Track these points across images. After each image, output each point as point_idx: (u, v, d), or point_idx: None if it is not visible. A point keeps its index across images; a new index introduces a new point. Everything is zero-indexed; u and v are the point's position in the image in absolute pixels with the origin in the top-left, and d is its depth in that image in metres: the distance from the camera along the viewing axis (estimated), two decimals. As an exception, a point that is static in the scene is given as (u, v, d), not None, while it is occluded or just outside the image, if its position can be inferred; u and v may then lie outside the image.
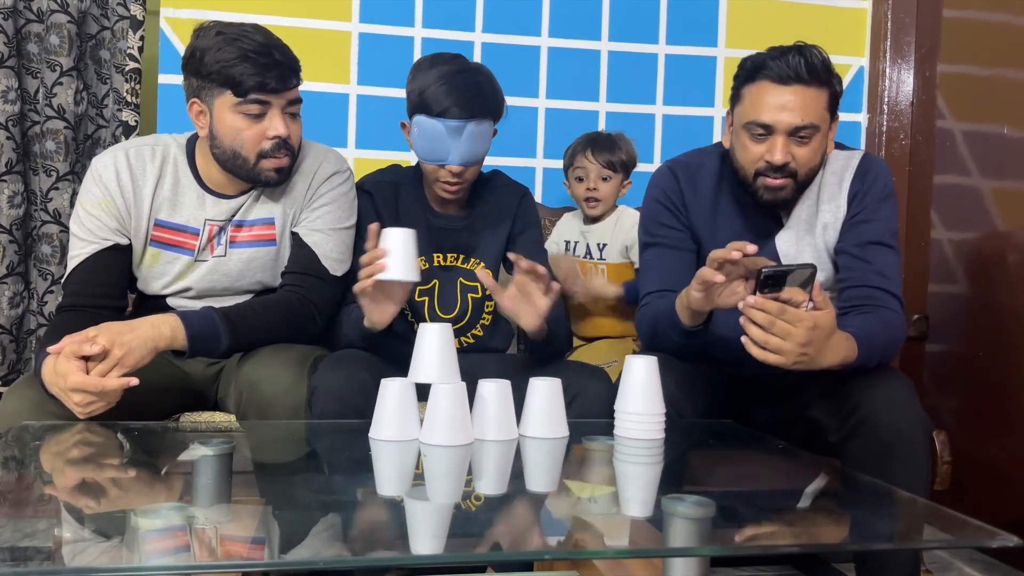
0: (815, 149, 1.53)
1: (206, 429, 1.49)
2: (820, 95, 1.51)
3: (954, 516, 0.96)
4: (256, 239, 1.62)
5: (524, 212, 1.77)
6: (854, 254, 1.55)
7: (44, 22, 2.22)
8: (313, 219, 1.63)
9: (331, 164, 1.66)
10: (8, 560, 0.81)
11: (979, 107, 2.23)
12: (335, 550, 0.91)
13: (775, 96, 1.49)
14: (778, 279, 1.26)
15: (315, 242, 1.62)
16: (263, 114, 1.52)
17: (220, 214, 1.60)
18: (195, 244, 1.60)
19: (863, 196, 1.58)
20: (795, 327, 1.27)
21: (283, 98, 1.53)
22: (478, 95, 1.57)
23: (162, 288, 1.62)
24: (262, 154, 1.54)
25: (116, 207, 1.56)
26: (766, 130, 1.51)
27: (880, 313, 1.49)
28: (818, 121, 1.51)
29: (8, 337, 2.20)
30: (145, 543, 0.83)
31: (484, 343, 1.76)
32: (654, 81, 2.48)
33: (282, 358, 1.47)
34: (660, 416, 1.32)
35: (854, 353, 1.36)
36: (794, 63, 1.48)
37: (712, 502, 0.90)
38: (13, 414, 1.36)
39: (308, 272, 1.61)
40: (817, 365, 1.32)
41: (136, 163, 1.58)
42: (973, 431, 2.11)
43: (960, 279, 2.25)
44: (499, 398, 1.26)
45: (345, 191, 1.67)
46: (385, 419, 1.24)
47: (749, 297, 1.28)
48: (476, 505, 1.06)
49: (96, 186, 1.56)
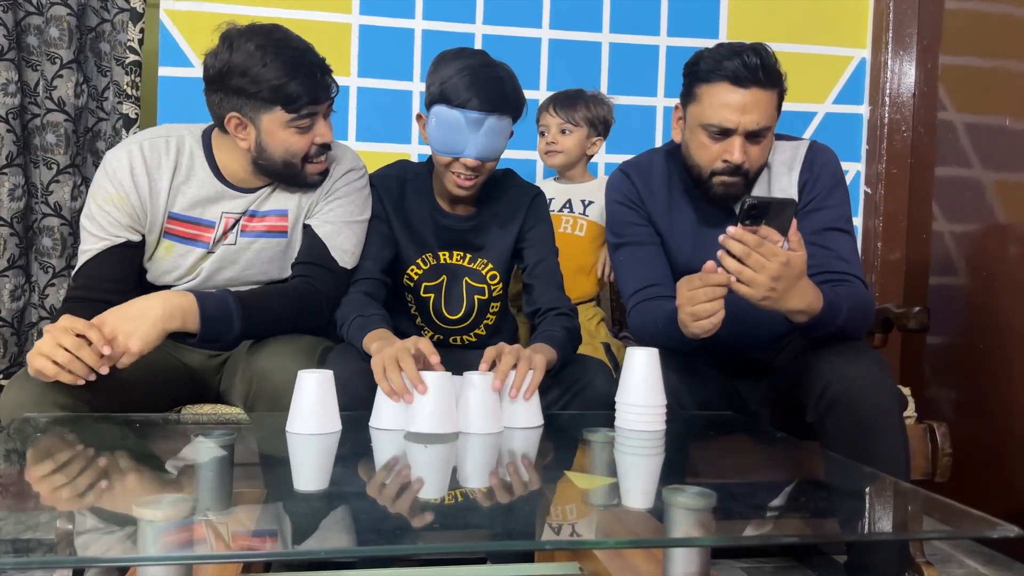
0: (765, 148, 1.58)
1: (207, 421, 1.49)
2: (772, 96, 1.53)
3: (954, 506, 0.96)
4: (268, 230, 1.62)
5: (535, 210, 1.75)
6: (812, 242, 1.57)
7: (44, 14, 2.22)
8: (326, 211, 1.63)
9: (348, 161, 1.67)
10: (11, 552, 0.82)
11: (981, 99, 2.23)
12: (335, 541, 0.91)
13: (735, 98, 1.50)
14: (761, 210, 1.29)
15: (326, 233, 1.62)
16: (312, 125, 1.54)
17: (237, 207, 1.60)
18: (210, 236, 1.59)
19: (813, 184, 1.62)
20: (769, 261, 1.30)
21: (326, 105, 1.56)
22: (500, 90, 1.56)
23: (174, 280, 1.61)
24: (306, 158, 1.57)
25: (130, 203, 1.55)
26: (724, 133, 1.53)
27: (846, 286, 1.52)
28: (771, 122, 1.55)
29: (9, 330, 2.20)
30: (146, 534, 0.83)
31: (486, 342, 1.75)
32: (655, 73, 2.48)
33: (291, 348, 1.47)
34: (661, 408, 1.32)
35: (820, 301, 1.39)
36: (752, 65, 1.49)
37: (713, 493, 0.90)
38: (14, 406, 1.36)
39: (318, 263, 1.61)
40: (783, 305, 1.35)
41: (151, 156, 1.56)
42: (974, 423, 2.11)
43: (961, 271, 2.25)
44: (485, 390, 1.27)
45: (360, 187, 1.67)
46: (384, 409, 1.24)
47: (729, 228, 1.30)
48: (475, 496, 1.06)
49: (109, 182, 1.54)
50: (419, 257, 1.69)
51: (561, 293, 1.69)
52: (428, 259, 1.70)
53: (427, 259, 1.70)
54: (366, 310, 1.54)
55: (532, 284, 1.70)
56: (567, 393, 1.51)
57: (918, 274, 2.42)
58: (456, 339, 1.74)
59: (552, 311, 1.65)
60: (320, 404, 1.24)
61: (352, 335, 1.51)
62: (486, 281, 1.72)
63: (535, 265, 1.71)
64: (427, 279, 1.70)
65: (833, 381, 1.40)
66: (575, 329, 1.63)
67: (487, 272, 1.72)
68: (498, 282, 1.73)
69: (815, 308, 1.38)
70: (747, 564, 1.87)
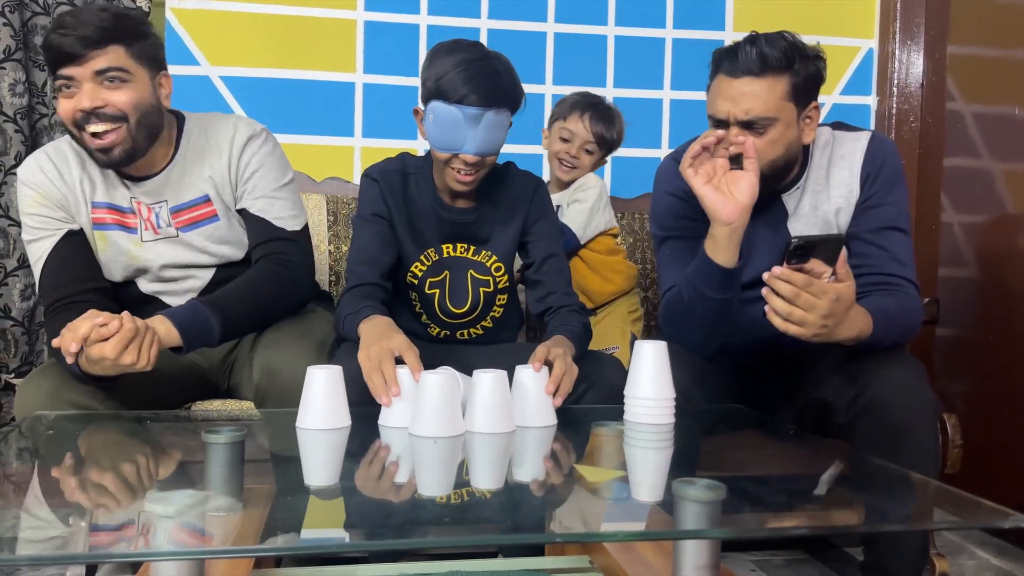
0: (772, 140, 1.48)
1: (217, 417, 1.50)
2: (776, 84, 1.46)
3: (965, 497, 0.96)
4: (200, 219, 1.61)
5: (538, 202, 1.73)
6: (869, 240, 1.54)
7: (50, 14, 2.22)
8: (251, 189, 1.62)
9: (244, 131, 1.63)
10: (25, 548, 0.82)
11: (989, 88, 2.21)
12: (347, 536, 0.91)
13: (726, 89, 1.47)
14: (806, 250, 1.27)
15: (261, 208, 1.61)
16: (73, 88, 1.45)
17: (144, 193, 1.58)
18: (135, 222, 1.58)
19: (874, 179, 1.56)
20: (819, 299, 1.28)
21: (88, 66, 1.44)
22: (497, 84, 1.54)
23: (124, 275, 1.60)
24: (79, 127, 1.47)
25: (52, 197, 1.55)
26: (720, 124, 1.49)
27: (897, 296, 1.50)
28: (772, 112, 1.46)
29: (20, 329, 2.21)
30: (159, 530, 0.84)
31: (493, 335, 1.75)
32: (661, 66, 2.47)
33: (301, 344, 1.48)
34: (670, 401, 1.32)
35: (869, 328, 1.37)
36: (745, 55, 1.45)
37: (723, 485, 0.90)
38: (28, 405, 1.37)
39: (269, 238, 1.60)
40: (834, 338, 1.33)
41: (56, 155, 1.57)
42: (984, 414, 2.10)
43: (971, 262, 2.24)
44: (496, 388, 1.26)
45: (269, 150, 1.64)
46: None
47: (775, 268, 1.28)
48: (485, 490, 1.06)
49: (26, 188, 1.55)
50: (421, 254, 1.69)
51: (570, 289, 1.69)
52: (430, 255, 1.70)
53: (429, 255, 1.70)
54: (357, 305, 1.53)
55: (541, 281, 1.70)
56: (575, 389, 1.51)
57: (927, 265, 2.40)
58: (463, 333, 1.74)
59: (564, 308, 1.64)
60: (329, 400, 1.24)
61: (347, 330, 1.52)
62: (491, 273, 1.71)
63: (543, 262, 1.70)
64: (430, 275, 1.70)
65: (869, 385, 1.39)
66: (588, 325, 1.64)
67: (492, 264, 1.71)
68: (503, 273, 1.73)
69: (865, 335, 1.38)
70: (757, 557, 1.87)
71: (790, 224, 1.60)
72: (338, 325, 1.56)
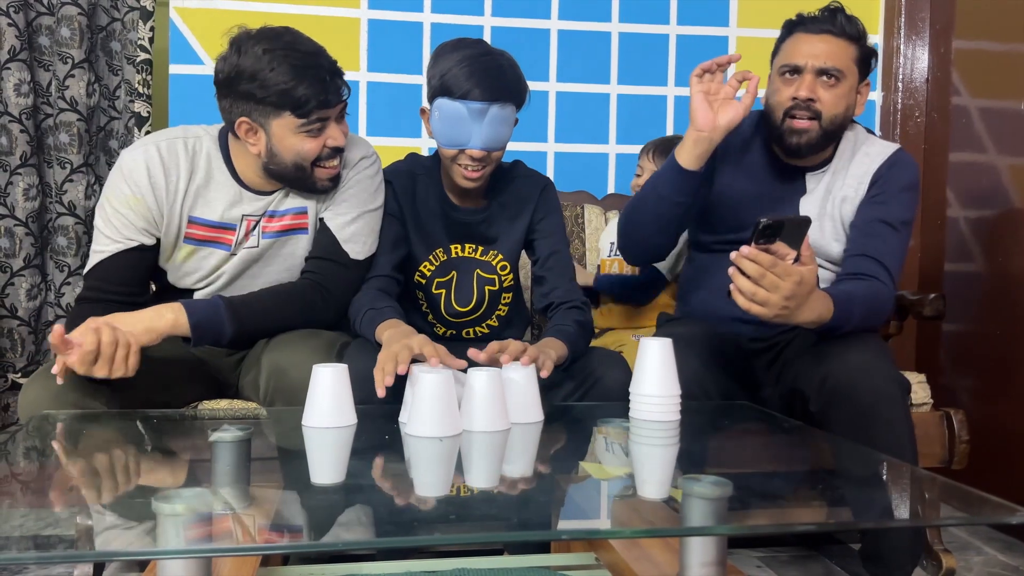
0: (840, 95, 1.62)
1: (224, 416, 1.50)
2: (849, 48, 1.62)
3: (972, 493, 0.95)
4: (288, 228, 1.62)
5: (545, 201, 1.73)
6: (862, 228, 1.59)
7: (55, 14, 2.23)
8: (339, 203, 1.62)
9: (359, 150, 1.66)
10: (32, 548, 0.82)
11: (995, 83, 2.21)
12: (354, 533, 0.91)
13: (806, 43, 1.62)
14: (774, 230, 1.28)
15: (337, 226, 1.61)
16: (323, 128, 1.53)
17: (256, 210, 1.59)
18: (232, 239, 1.59)
19: (885, 181, 1.63)
20: (783, 281, 1.29)
21: (338, 108, 1.54)
22: (501, 78, 1.55)
23: (195, 283, 1.61)
24: (317, 161, 1.55)
25: (146, 205, 1.53)
26: (795, 71, 1.62)
27: (869, 282, 1.53)
28: (844, 68, 1.61)
29: (27, 329, 2.22)
30: (166, 528, 0.84)
31: (498, 333, 1.75)
32: (665, 62, 2.47)
33: (310, 344, 1.48)
34: (675, 398, 1.32)
35: (830, 312, 1.40)
36: (826, 16, 1.63)
37: (729, 482, 0.90)
38: (33, 404, 1.37)
39: (327, 257, 1.61)
40: (794, 320, 1.35)
41: (168, 158, 1.54)
42: (990, 410, 2.10)
43: (976, 257, 2.24)
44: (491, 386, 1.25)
45: (371, 174, 1.66)
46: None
47: (743, 248, 1.29)
48: (492, 487, 1.06)
49: (125, 183, 1.53)
50: (430, 254, 1.69)
51: (574, 286, 1.69)
52: (439, 255, 1.70)
53: (437, 255, 1.70)
54: (377, 303, 1.54)
55: (544, 277, 1.70)
56: (580, 387, 1.51)
57: (933, 261, 2.40)
58: (468, 332, 1.74)
59: (564, 304, 1.64)
60: (335, 397, 1.24)
61: (364, 328, 1.51)
62: (497, 272, 1.72)
63: (547, 258, 1.70)
64: (438, 275, 1.70)
65: (831, 372, 1.41)
66: (587, 322, 1.63)
67: (498, 263, 1.72)
68: (508, 272, 1.73)
69: (824, 319, 1.40)
70: (763, 553, 1.87)
71: (803, 202, 1.67)
72: (355, 318, 1.56)
